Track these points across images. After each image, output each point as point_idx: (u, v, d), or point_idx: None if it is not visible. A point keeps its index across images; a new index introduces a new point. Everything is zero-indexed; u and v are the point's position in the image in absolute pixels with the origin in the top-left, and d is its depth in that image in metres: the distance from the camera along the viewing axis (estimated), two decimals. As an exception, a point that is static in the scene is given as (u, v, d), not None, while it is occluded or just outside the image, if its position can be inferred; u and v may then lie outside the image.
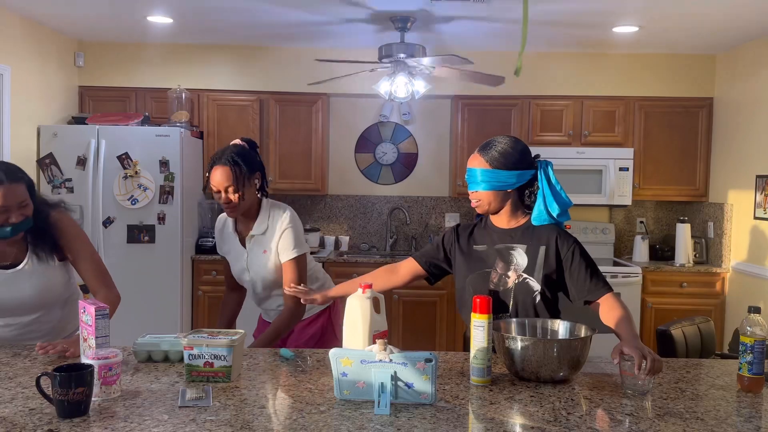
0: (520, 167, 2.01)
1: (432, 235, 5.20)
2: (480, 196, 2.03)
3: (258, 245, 2.42)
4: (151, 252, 4.37)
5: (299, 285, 2.26)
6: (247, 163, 2.32)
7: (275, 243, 2.39)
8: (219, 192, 2.31)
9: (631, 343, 1.71)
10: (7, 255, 2.08)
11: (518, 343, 1.70)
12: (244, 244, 2.45)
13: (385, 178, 5.30)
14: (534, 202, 2.05)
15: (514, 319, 1.94)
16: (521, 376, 1.74)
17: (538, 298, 2.01)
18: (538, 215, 2.04)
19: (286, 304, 2.42)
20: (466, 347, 2.18)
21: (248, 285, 2.52)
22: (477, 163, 2.02)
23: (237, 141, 2.41)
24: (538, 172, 2.04)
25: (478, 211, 2.08)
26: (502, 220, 2.09)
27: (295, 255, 2.38)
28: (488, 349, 1.71)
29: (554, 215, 2.02)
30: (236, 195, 2.30)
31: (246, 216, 2.43)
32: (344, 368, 1.54)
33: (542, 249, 2.02)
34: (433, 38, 4.50)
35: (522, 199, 2.08)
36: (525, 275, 2.01)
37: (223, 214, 2.52)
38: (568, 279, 2.02)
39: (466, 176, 2.06)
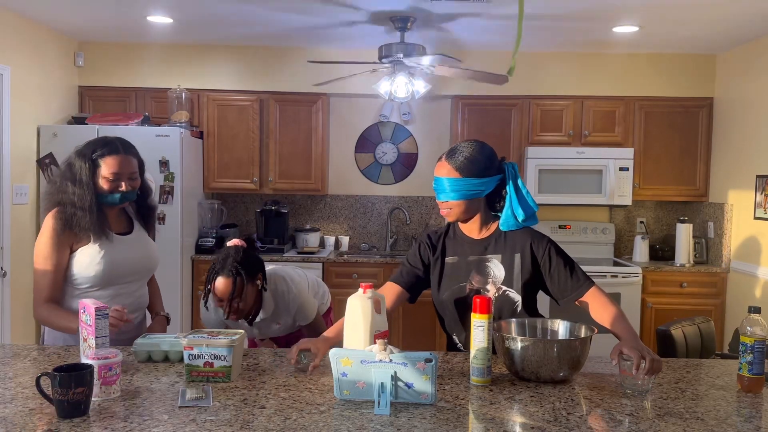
0: (489, 173, 1.96)
1: (432, 235, 5.19)
2: (451, 206, 1.97)
3: (268, 322, 2.48)
4: (151, 252, 4.37)
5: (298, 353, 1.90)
6: (249, 271, 2.31)
7: (291, 316, 2.48)
8: (222, 300, 2.31)
9: (630, 343, 1.71)
10: (120, 224, 2.29)
11: (518, 344, 1.70)
12: (249, 322, 2.49)
13: (385, 178, 5.30)
14: (503, 207, 2.01)
15: (514, 320, 1.94)
16: (521, 376, 1.74)
17: (519, 308, 1.99)
18: (505, 221, 2.00)
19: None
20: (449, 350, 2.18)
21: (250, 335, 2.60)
22: (445, 172, 1.95)
23: (236, 242, 2.40)
24: (506, 177, 2.00)
25: (449, 219, 2.02)
26: (473, 229, 2.04)
27: (315, 314, 2.56)
28: (488, 349, 1.70)
29: (519, 220, 1.98)
30: (240, 304, 2.32)
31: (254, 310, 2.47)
32: (344, 368, 1.54)
33: (517, 257, 1.98)
34: (433, 38, 4.50)
35: (491, 205, 2.04)
36: (504, 287, 1.98)
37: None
38: (549, 281, 1.99)
39: (433, 185, 2.00)
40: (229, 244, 2.38)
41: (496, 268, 1.99)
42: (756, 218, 4.31)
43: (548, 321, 1.93)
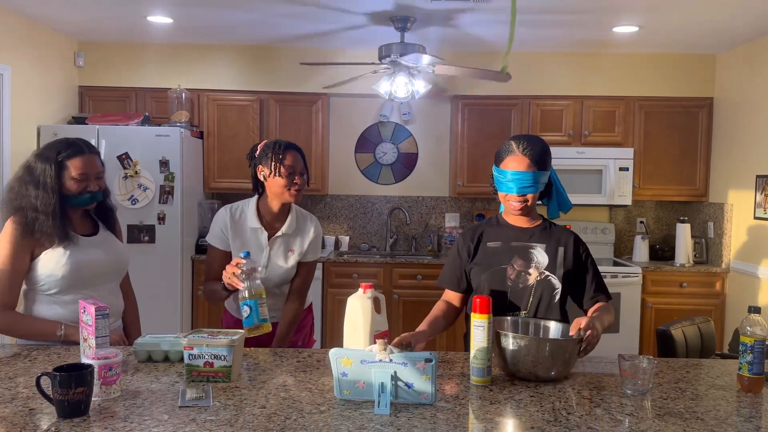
0: (550, 164, 2.07)
1: (432, 236, 5.20)
2: (529, 199, 2.03)
3: (284, 244, 2.44)
4: (151, 252, 4.37)
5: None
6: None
7: (306, 243, 2.46)
8: (292, 174, 2.35)
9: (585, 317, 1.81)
10: (84, 226, 2.24)
11: (509, 340, 1.72)
12: (270, 234, 2.45)
13: (385, 178, 5.30)
14: (548, 196, 2.15)
15: (508, 317, 1.95)
16: (512, 374, 1.75)
17: (557, 297, 2.03)
18: (553, 210, 2.15)
19: (292, 304, 2.46)
20: (467, 348, 2.18)
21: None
22: (525, 166, 1.99)
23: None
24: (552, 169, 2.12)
25: (521, 213, 2.06)
26: (522, 219, 2.11)
27: (315, 258, 2.51)
28: (488, 348, 1.71)
29: (564, 212, 2.14)
30: (303, 178, 2.38)
31: (279, 212, 2.44)
32: (344, 368, 1.54)
33: (561, 249, 2.06)
34: (433, 38, 4.50)
35: (540, 196, 2.14)
36: (547, 272, 2.03)
37: (231, 206, 2.53)
38: (579, 280, 2.07)
39: (508, 178, 2.01)
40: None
41: (540, 255, 2.05)
42: (756, 218, 4.31)
43: (541, 320, 1.96)
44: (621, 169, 4.76)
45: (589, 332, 1.74)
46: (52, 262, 2.10)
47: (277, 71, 4.90)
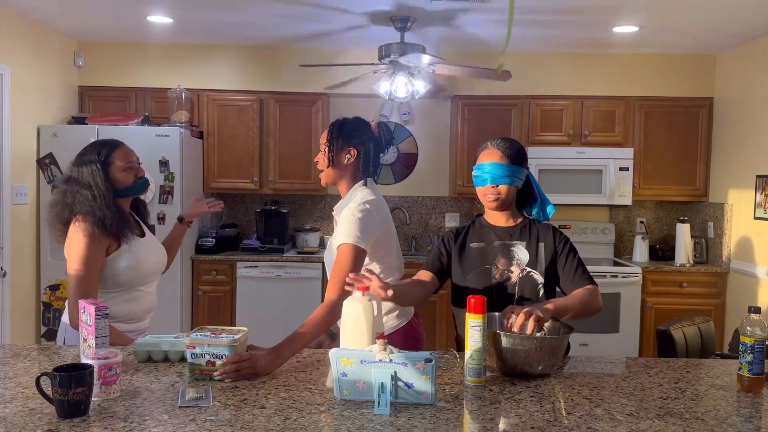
0: (526, 165, 2.11)
1: (432, 236, 5.20)
2: (502, 190, 2.06)
3: (339, 212, 2.27)
4: (151, 252, 4.37)
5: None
6: (343, 131, 2.19)
7: (337, 225, 2.18)
8: (320, 152, 2.24)
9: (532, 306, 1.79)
10: (134, 226, 2.28)
11: (501, 337, 1.72)
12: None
13: (385, 178, 5.30)
14: (532, 202, 2.18)
15: (497, 313, 1.96)
16: (505, 369, 1.76)
17: (541, 291, 2.06)
18: (537, 214, 2.17)
19: (326, 296, 2.03)
20: (458, 348, 2.19)
21: None
22: (497, 158, 2.06)
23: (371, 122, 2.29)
24: (529, 173, 2.16)
25: (495, 206, 2.10)
26: (501, 219, 2.14)
27: (342, 242, 2.05)
28: (484, 349, 1.71)
29: (548, 212, 2.16)
30: (320, 155, 2.21)
31: (342, 194, 2.30)
32: (344, 368, 1.54)
33: (542, 245, 2.08)
34: (433, 38, 4.50)
35: (518, 198, 2.15)
36: (528, 269, 2.06)
37: None
38: (561, 271, 2.09)
39: (483, 171, 2.07)
40: None
41: (521, 252, 2.08)
42: (756, 218, 4.31)
43: None
44: (621, 169, 4.77)
45: (519, 321, 1.72)
46: (118, 261, 2.16)
47: (277, 71, 4.90)
